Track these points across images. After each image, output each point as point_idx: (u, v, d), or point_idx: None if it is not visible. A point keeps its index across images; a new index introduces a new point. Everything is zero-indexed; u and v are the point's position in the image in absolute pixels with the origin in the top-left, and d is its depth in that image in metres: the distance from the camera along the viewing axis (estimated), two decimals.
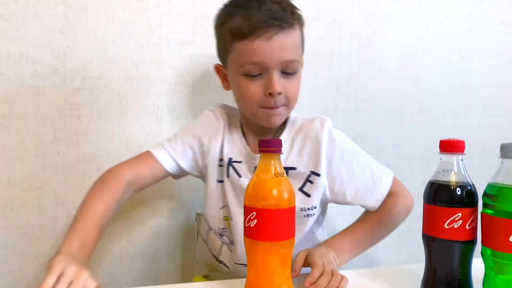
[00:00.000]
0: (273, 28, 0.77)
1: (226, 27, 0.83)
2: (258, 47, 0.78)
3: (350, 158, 0.87)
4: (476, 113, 1.38)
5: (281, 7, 0.80)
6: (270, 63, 0.79)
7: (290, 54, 0.80)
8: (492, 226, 0.59)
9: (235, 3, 0.84)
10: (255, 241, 0.61)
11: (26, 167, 1.04)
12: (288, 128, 0.90)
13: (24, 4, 1.01)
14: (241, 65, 0.81)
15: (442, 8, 1.32)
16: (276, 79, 0.80)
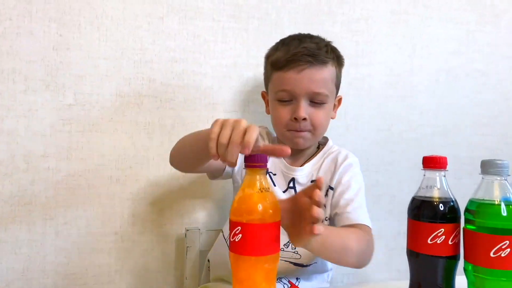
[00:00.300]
0: (304, 62, 0.90)
1: (269, 60, 0.98)
2: (290, 77, 0.91)
3: (354, 182, 0.97)
4: (464, 131, 1.40)
5: (317, 46, 0.93)
6: (298, 92, 0.91)
7: (318, 86, 0.91)
8: (473, 241, 0.60)
9: (282, 41, 0.98)
10: (239, 255, 0.62)
11: (15, 182, 1.04)
12: (323, 151, 1.02)
13: (19, 21, 1.03)
14: (276, 91, 0.95)
15: (430, 29, 1.35)
16: (302, 106, 0.91)
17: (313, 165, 1.00)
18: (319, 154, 1.02)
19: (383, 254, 1.33)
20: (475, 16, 1.39)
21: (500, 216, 0.58)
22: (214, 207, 1.19)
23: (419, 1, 1.33)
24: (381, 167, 1.32)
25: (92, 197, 1.09)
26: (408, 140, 1.34)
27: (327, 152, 1.02)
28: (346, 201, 0.92)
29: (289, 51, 0.92)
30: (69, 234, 1.08)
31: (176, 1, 1.13)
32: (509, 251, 0.57)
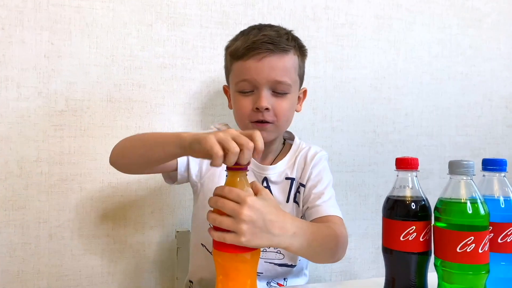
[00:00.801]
0: (264, 50, 0.87)
1: (228, 50, 0.95)
2: (250, 66, 0.88)
3: (324, 176, 0.97)
4: (448, 132, 1.44)
5: (277, 34, 0.90)
6: (259, 81, 0.88)
7: (279, 75, 0.88)
8: (442, 237, 0.63)
9: (242, 32, 0.95)
10: (222, 253, 0.65)
11: (9, 187, 1.07)
12: (293, 149, 1.00)
13: (11, 30, 1.06)
14: (236, 82, 0.91)
15: (413, 33, 1.39)
16: (264, 96, 0.88)
17: (287, 162, 0.98)
18: (291, 152, 0.99)
19: (370, 253, 1.37)
20: (457, 20, 1.43)
21: (466, 214, 0.62)
22: None
23: (402, 6, 1.37)
24: (367, 168, 1.35)
25: (84, 200, 1.12)
26: (394, 141, 1.38)
27: (297, 149, 1.00)
28: (316, 195, 0.92)
29: (248, 40, 0.89)
30: (62, 237, 1.11)
31: (165, 9, 1.16)
32: (474, 246, 0.60)
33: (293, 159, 0.98)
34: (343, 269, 1.35)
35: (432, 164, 1.41)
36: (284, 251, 0.92)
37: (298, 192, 0.96)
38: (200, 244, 0.96)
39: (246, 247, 0.64)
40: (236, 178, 0.67)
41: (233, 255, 0.65)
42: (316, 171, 0.96)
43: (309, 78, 1.29)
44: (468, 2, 1.44)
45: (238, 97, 0.92)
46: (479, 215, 0.61)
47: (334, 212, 0.89)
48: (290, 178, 0.96)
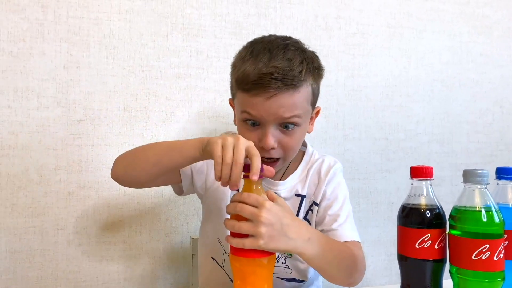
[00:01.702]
0: (274, 88, 0.78)
1: (235, 72, 0.85)
2: (257, 103, 0.79)
3: (339, 194, 0.92)
4: (460, 139, 1.44)
5: (289, 66, 0.79)
6: (266, 119, 0.80)
7: (288, 112, 0.80)
8: (457, 245, 0.64)
9: (252, 47, 0.84)
10: (240, 257, 0.67)
11: (29, 194, 1.10)
12: (305, 160, 0.95)
13: (32, 41, 1.09)
14: (241, 111, 0.83)
15: (424, 41, 1.40)
16: (270, 134, 0.80)
17: (297, 177, 0.93)
18: (302, 165, 0.94)
19: (383, 260, 1.37)
20: (467, 27, 1.44)
21: (480, 222, 0.63)
22: None
23: (413, 15, 1.39)
24: (379, 175, 1.36)
25: (101, 207, 1.14)
26: (405, 148, 1.39)
27: (309, 161, 0.95)
28: (332, 217, 0.87)
29: (256, 69, 0.79)
30: (80, 243, 1.13)
31: (180, 20, 1.19)
32: (489, 254, 0.61)
33: (305, 172, 0.93)
34: None
35: (443, 171, 1.42)
36: (293, 265, 0.90)
37: (310, 211, 0.91)
38: (210, 258, 0.95)
39: (263, 251, 0.66)
40: (252, 185, 0.69)
41: (250, 260, 0.66)
42: (331, 188, 0.91)
43: (321, 87, 1.30)
44: (479, 10, 1.45)
45: (243, 129, 0.85)
46: (493, 223, 0.62)
47: (351, 237, 0.85)
48: (301, 195, 0.92)
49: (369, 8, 1.35)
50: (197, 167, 0.92)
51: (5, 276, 1.08)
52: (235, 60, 0.88)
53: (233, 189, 0.67)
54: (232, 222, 0.67)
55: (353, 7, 1.33)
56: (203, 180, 0.93)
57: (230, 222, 0.67)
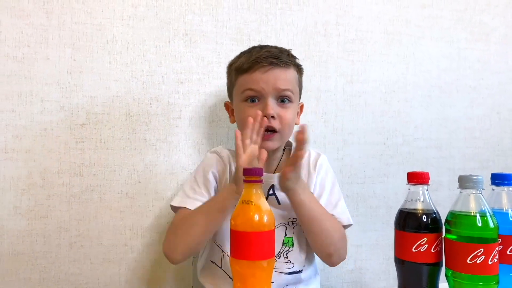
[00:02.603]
0: (269, 63, 0.95)
1: (233, 67, 1.02)
2: (256, 77, 0.95)
3: (327, 182, 1.03)
4: (457, 145, 1.46)
5: (279, 51, 0.99)
6: (266, 90, 0.95)
7: (284, 84, 0.96)
8: (452, 249, 0.66)
9: (243, 51, 1.03)
10: (240, 260, 0.69)
11: (32, 197, 1.11)
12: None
13: (36, 47, 1.11)
14: (242, 91, 0.97)
15: (422, 48, 1.42)
16: (270, 104, 0.95)
17: None
18: None
19: (381, 263, 1.39)
20: (465, 34, 1.46)
21: (475, 226, 0.65)
22: None
23: (411, 22, 1.41)
24: (378, 179, 1.38)
25: (103, 210, 1.16)
26: (403, 153, 1.40)
27: None
28: (324, 204, 0.97)
29: (252, 55, 0.97)
30: (82, 246, 1.15)
31: (182, 26, 1.21)
32: (483, 258, 0.63)
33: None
34: (354, 279, 1.37)
35: (441, 176, 1.44)
36: (294, 258, 0.97)
37: None
38: (209, 262, 1.01)
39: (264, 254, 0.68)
40: (252, 189, 0.71)
41: (250, 263, 0.68)
42: (319, 178, 1.02)
43: (321, 92, 1.33)
44: (476, 17, 1.48)
45: (244, 107, 0.98)
46: (488, 228, 0.64)
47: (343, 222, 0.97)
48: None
49: (368, 15, 1.37)
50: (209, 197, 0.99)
51: (8, 278, 1.10)
52: (230, 62, 1.05)
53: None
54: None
55: (352, 14, 1.35)
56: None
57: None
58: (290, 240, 0.98)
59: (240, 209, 0.71)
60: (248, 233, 0.68)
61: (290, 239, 0.98)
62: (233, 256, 0.70)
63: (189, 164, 1.21)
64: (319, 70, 1.32)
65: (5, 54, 1.09)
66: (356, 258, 1.36)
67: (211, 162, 1.03)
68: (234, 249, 0.69)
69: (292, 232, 0.98)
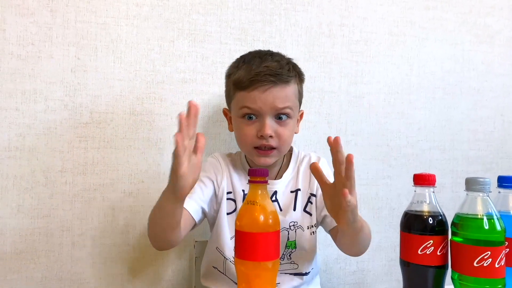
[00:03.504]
0: (268, 82, 0.92)
1: (231, 79, 0.98)
2: (254, 96, 0.92)
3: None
4: (461, 147, 1.46)
5: (279, 65, 0.94)
6: (264, 110, 0.92)
7: (282, 102, 0.93)
8: (459, 252, 0.66)
9: (243, 58, 0.99)
10: (245, 261, 0.68)
11: (35, 195, 1.11)
12: (293, 160, 1.05)
13: (40, 45, 1.11)
14: (240, 108, 0.95)
15: (426, 49, 1.42)
16: (268, 124, 0.93)
17: (290, 174, 1.03)
18: (292, 163, 1.04)
19: (383, 265, 1.39)
20: (469, 36, 1.46)
21: (482, 229, 0.64)
22: None
23: (416, 23, 1.41)
24: (381, 181, 1.38)
25: (106, 209, 1.16)
26: (407, 155, 1.40)
27: (297, 159, 1.05)
28: None
29: (251, 71, 0.93)
30: (84, 245, 1.14)
31: (186, 26, 1.21)
32: (490, 261, 0.62)
33: (295, 170, 1.04)
34: (356, 281, 1.37)
35: (444, 178, 1.43)
36: (299, 260, 0.98)
37: (310, 202, 1.00)
38: (212, 267, 1.02)
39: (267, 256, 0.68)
40: (258, 190, 0.71)
41: (256, 264, 0.68)
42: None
43: (324, 93, 1.32)
44: (480, 19, 1.47)
45: (242, 125, 0.96)
46: (495, 231, 0.64)
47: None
48: (295, 191, 1.01)
49: (373, 16, 1.37)
50: (204, 200, 0.98)
51: (10, 276, 1.09)
52: (229, 70, 1.02)
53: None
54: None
55: (357, 15, 1.35)
56: (210, 205, 1.00)
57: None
58: (292, 243, 0.98)
59: (245, 210, 0.71)
60: (254, 233, 0.68)
61: (293, 242, 0.98)
62: (237, 256, 0.70)
63: None
64: (323, 70, 1.32)
65: (9, 52, 1.09)
66: (358, 260, 1.36)
67: (208, 167, 1.02)
68: (239, 249, 0.69)
69: (294, 236, 0.98)
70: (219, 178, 1.01)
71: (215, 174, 1.02)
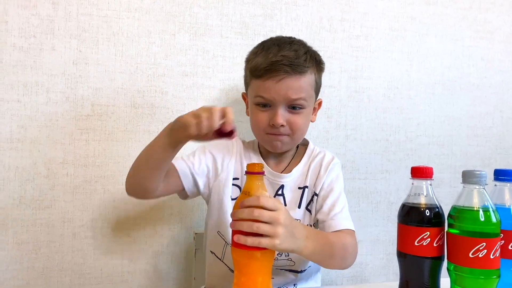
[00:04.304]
0: (283, 72, 0.90)
1: (249, 65, 0.98)
2: (269, 86, 0.92)
3: (336, 185, 0.99)
4: (459, 142, 1.46)
5: (296, 55, 0.92)
6: (276, 100, 0.92)
7: (296, 93, 0.92)
8: (455, 243, 0.67)
9: (262, 45, 0.98)
10: (237, 249, 0.70)
11: (37, 187, 1.12)
12: (307, 155, 1.03)
13: (42, 37, 1.12)
14: (254, 96, 0.95)
15: (426, 45, 1.42)
16: (280, 113, 0.92)
17: (300, 170, 1.01)
18: (304, 159, 1.02)
19: (381, 259, 1.40)
20: (469, 32, 1.46)
21: (478, 221, 0.65)
22: None
23: (416, 19, 1.41)
24: (379, 176, 1.39)
25: (107, 201, 1.17)
26: (406, 150, 1.41)
27: (311, 155, 1.03)
28: (329, 207, 0.95)
29: (267, 59, 0.91)
30: (85, 236, 1.15)
31: (187, 19, 1.21)
32: (485, 252, 0.63)
33: (307, 166, 1.01)
34: (354, 274, 1.38)
35: (443, 173, 1.44)
36: (295, 258, 0.95)
37: (312, 201, 0.99)
38: (209, 251, 1.01)
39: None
40: (255, 181, 0.73)
41: (244, 252, 0.70)
42: (329, 180, 0.99)
43: (324, 88, 1.32)
44: (481, 15, 1.48)
45: (256, 111, 0.96)
46: (491, 223, 0.65)
47: (346, 226, 0.92)
48: (302, 188, 1.00)
49: (373, 11, 1.37)
50: (197, 169, 0.97)
51: (12, 267, 1.11)
52: (248, 56, 1.00)
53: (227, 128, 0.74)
54: (249, 223, 0.69)
55: (358, 10, 1.35)
56: (205, 181, 0.99)
57: (248, 223, 0.69)
58: None
59: (239, 200, 0.73)
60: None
61: None
62: (232, 244, 0.72)
63: None
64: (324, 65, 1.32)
65: (11, 44, 1.10)
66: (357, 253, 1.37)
67: (220, 146, 1.01)
68: (232, 237, 0.71)
69: None
70: (227, 160, 1.00)
71: (223, 154, 1.01)
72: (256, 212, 0.69)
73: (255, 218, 0.68)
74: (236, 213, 0.70)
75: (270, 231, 0.68)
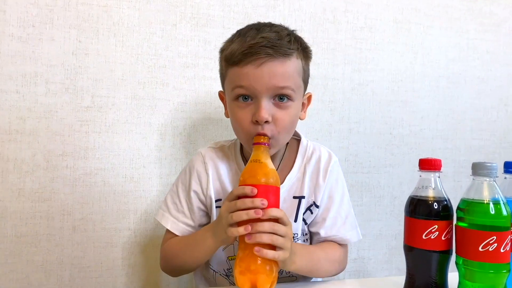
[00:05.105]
0: (264, 55, 0.76)
1: (223, 54, 0.86)
2: (248, 72, 0.77)
3: (336, 194, 0.92)
4: (464, 136, 1.45)
5: (278, 36, 0.79)
6: (259, 89, 0.77)
7: (281, 81, 0.78)
8: (464, 237, 0.65)
9: (239, 32, 0.85)
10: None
11: (36, 179, 1.10)
12: (300, 156, 0.92)
13: (41, 27, 1.09)
14: (232, 88, 0.81)
15: (431, 37, 1.41)
16: (263, 106, 0.77)
17: (295, 176, 0.90)
18: (298, 160, 0.91)
19: (384, 253, 1.39)
20: (474, 24, 1.44)
21: (488, 214, 0.64)
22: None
23: (421, 11, 1.39)
24: (383, 169, 1.37)
25: (107, 194, 1.15)
26: (409, 143, 1.40)
27: (305, 155, 0.92)
28: (332, 220, 0.89)
29: (245, 43, 0.78)
30: (85, 229, 1.14)
31: (189, 9, 1.19)
32: (496, 246, 0.62)
33: (302, 170, 0.91)
34: (357, 268, 1.37)
35: (446, 167, 1.43)
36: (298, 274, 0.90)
37: (309, 211, 0.90)
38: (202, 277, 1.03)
39: None
40: (261, 151, 0.76)
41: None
42: (328, 189, 0.90)
43: (328, 80, 1.31)
44: (486, 7, 1.46)
45: (235, 108, 0.82)
46: (501, 216, 0.63)
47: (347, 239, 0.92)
48: (298, 197, 0.90)
49: (377, 3, 1.35)
50: (198, 221, 0.95)
51: (11, 260, 1.09)
52: (223, 45, 0.89)
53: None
54: (269, 235, 0.70)
55: (362, 1, 1.33)
56: (205, 213, 0.96)
57: (267, 236, 0.70)
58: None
59: (249, 167, 0.75)
60: (255, 185, 0.71)
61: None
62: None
63: (194, 149, 1.20)
64: (327, 57, 1.31)
65: (9, 34, 1.08)
66: (359, 248, 1.36)
67: (189, 176, 0.93)
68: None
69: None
70: (204, 185, 0.91)
71: (199, 182, 0.91)
72: (276, 226, 0.70)
73: (273, 231, 0.70)
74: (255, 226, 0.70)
75: (284, 244, 0.71)
